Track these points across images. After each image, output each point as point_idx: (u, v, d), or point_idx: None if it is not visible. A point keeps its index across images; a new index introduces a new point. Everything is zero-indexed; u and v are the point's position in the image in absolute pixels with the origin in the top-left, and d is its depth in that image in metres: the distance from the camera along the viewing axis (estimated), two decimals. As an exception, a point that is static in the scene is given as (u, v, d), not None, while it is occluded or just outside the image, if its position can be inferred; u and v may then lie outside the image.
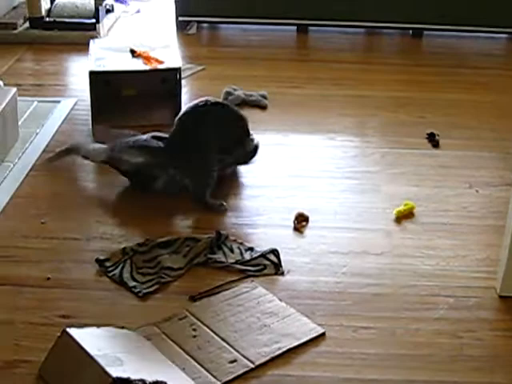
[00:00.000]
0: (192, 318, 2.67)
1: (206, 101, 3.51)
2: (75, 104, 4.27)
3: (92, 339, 2.39)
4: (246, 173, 3.65)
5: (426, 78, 4.77)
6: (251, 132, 3.62)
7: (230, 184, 3.58)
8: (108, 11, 5.48)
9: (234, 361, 2.49)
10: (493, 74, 4.88)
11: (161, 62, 4.10)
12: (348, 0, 5.31)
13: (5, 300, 2.75)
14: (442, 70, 4.90)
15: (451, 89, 4.61)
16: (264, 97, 4.41)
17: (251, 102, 4.34)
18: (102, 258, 2.96)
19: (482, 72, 4.89)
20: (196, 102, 3.54)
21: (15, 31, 5.21)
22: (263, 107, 4.33)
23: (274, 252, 3.01)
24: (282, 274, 2.93)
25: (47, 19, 5.29)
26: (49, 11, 5.38)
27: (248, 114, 4.11)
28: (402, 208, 3.33)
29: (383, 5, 5.32)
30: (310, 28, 5.43)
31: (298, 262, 3.00)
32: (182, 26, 5.37)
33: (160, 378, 2.29)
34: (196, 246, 3.02)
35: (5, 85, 4.06)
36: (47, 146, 3.83)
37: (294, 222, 3.24)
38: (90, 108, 4.02)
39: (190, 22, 5.39)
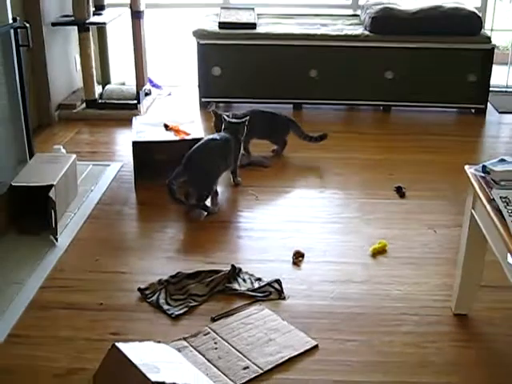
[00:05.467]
0: (213, 333, 2.67)
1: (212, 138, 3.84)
2: (121, 167, 4.29)
3: (135, 351, 2.38)
4: (254, 219, 3.66)
5: (395, 143, 4.77)
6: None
7: (241, 227, 3.60)
8: (146, 94, 5.52)
9: (247, 367, 2.48)
10: (446, 139, 4.88)
11: (188, 134, 4.12)
12: (332, 84, 5.36)
13: (68, 321, 2.75)
14: (406, 137, 4.91)
15: (414, 152, 4.61)
16: (266, 158, 4.42)
17: (257, 162, 4.34)
18: (142, 287, 2.97)
19: (438, 138, 4.89)
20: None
21: (74, 110, 5.25)
22: (266, 166, 4.33)
23: (277, 281, 3.01)
24: (284, 298, 2.93)
25: (99, 101, 5.33)
26: (101, 95, 5.43)
27: (252, 172, 4.18)
28: (376, 246, 3.33)
29: (360, 87, 5.37)
30: (304, 105, 5.46)
31: (296, 289, 3.00)
32: (203, 105, 5.41)
33: (188, 382, 2.29)
34: (216, 277, 3.02)
35: (67, 152, 4.09)
36: (100, 199, 3.85)
37: (293, 258, 3.24)
38: (132, 170, 4.06)
39: (210, 102, 5.42)
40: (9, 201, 3.41)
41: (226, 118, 3.98)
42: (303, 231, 3.53)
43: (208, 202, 3.75)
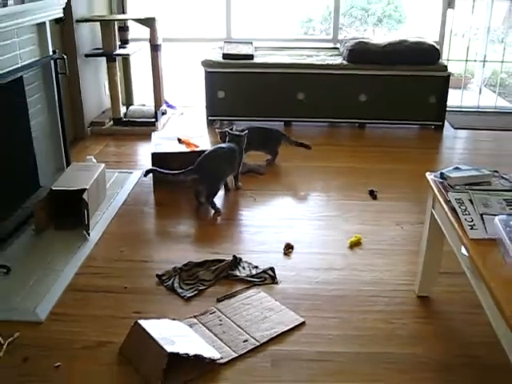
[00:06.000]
0: (219, 312, 2.67)
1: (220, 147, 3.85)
2: (142, 174, 4.27)
3: (154, 327, 2.39)
4: (253, 217, 3.66)
5: (368, 154, 4.77)
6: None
7: (241, 224, 3.60)
8: (163, 114, 5.51)
9: (246, 340, 2.49)
10: (411, 151, 4.88)
11: (197, 146, 4.13)
12: (317, 105, 5.35)
13: (98, 302, 2.75)
14: (378, 149, 4.91)
15: (385, 161, 4.61)
16: (261, 166, 4.40)
17: (254, 169, 4.33)
18: (160, 273, 2.97)
19: (404, 150, 4.89)
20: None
21: (103, 127, 5.25)
22: (262, 173, 4.32)
23: (271, 269, 3.01)
24: (277, 283, 2.93)
25: (124, 119, 5.33)
26: (125, 114, 5.43)
27: (250, 178, 4.17)
28: (353, 239, 3.34)
29: (339, 108, 5.37)
30: (293, 123, 5.46)
31: (287, 275, 3.00)
32: (210, 123, 5.40)
33: (198, 352, 2.30)
34: (221, 265, 3.02)
35: (97, 162, 4.08)
36: (124, 201, 3.85)
37: (284, 249, 3.24)
38: (151, 177, 4.05)
39: (215, 119, 5.43)
40: (49, 202, 3.41)
41: (229, 131, 3.98)
42: (293, 227, 3.52)
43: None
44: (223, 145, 3.90)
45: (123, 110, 5.46)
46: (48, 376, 2.29)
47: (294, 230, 3.48)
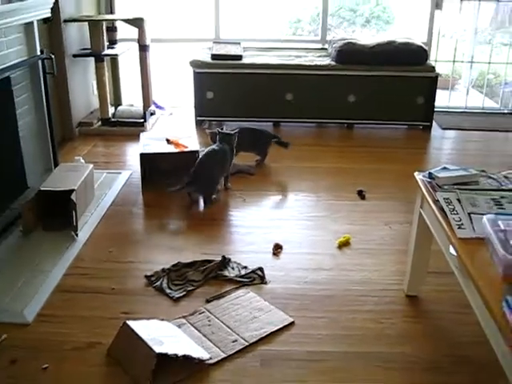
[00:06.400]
0: (207, 312, 2.66)
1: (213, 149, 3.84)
2: (131, 174, 4.26)
3: (143, 328, 2.38)
4: (242, 217, 3.65)
5: (357, 155, 4.78)
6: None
7: (232, 225, 3.59)
8: (151, 114, 5.49)
9: (235, 341, 2.48)
10: (399, 151, 4.90)
11: (186, 147, 4.11)
12: (305, 105, 5.36)
13: (86, 302, 2.74)
14: (366, 150, 4.92)
15: (373, 161, 4.62)
16: (251, 167, 4.40)
17: (244, 170, 4.32)
18: (148, 274, 2.96)
19: (393, 150, 4.91)
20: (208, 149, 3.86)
21: (91, 127, 5.22)
22: (251, 174, 4.32)
23: (260, 269, 3.01)
24: (266, 283, 2.93)
25: (112, 119, 5.30)
26: (113, 114, 5.40)
27: (240, 178, 4.17)
28: (342, 239, 3.34)
29: (327, 108, 5.37)
30: (282, 123, 5.46)
31: (276, 276, 3.00)
32: (199, 123, 5.40)
33: (187, 353, 2.29)
34: (210, 266, 3.02)
35: (86, 162, 4.07)
36: (113, 201, 3.83)
37: (273, 249, 3.24)
38: (140, 177, 4.05)
39: (204, 120, 5.42)
40: (37, 203, 3.39)
41: (220, 130, 3.97)
42: (282, 227, 3.52)
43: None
44: (215, 146, 3.90)
45: (111, 110, 5.43)
46: (36, 378, 2.27)
47: (283, 231, 3.48)
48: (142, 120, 5.27)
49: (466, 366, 2.36)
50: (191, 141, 4.25)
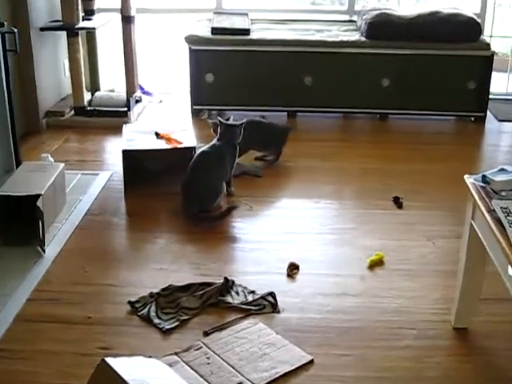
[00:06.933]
0: (206, 348, 2.66)
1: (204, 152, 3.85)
2: (111, 176, 4.27)
3: (125, 366, 2.37)
4: (248, 230, 3.66)
5: (391, 152, 4.78)
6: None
7: (234, 238, 3.60)
8: (137, 101, 5.51)
9: (240, 383, 2.48)
10: (445, 148, 4.89)
11: (180, 143, 4.12)
12: (327, 91, 5.36)
13: (55, 334, 2.74)
14: (404, 146, 4.91)
15: (411, 161, 4.62)
16: (259, 168, 4.42)
17: (250, 171, 4.33)
18: (132, 300, 2.96)
19: (437, 147, 4.90)
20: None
21: (63, 118, 5.23)
22: (259, 176, 4.32)
23: (272, 294, 3.01)
24: (278, 312, 2.93)
25: (88, 108, 5.32)
26: (90, 101, 5.42)
27: (246, 181, 4.17)
28: (373, 257, 3.34)
29: (356, 95, 5.37)
30: (298, 113, 5.46)
31: (291, 303, 2.99)
32: (196, 113, 5.41)
33: (180, 398, 2.29)
34: (209, 290, 3.02)
35: (55, 161, 4.08)
36: (89, 209, 3.84)
37: (287, 270, 3.23)
38: (122, 179, 4.05)
39: (202, 109, 5.43)
40: (-5, 211, 3.40)
41: (221, 120, 3.96)
42: (298, 242, 3.52)
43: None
44: (208, 147, 3.88)
45: (87, 96, 5.45)
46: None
47: (300, 247, 3.48)
48: (126, 109, 5.29)
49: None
50: (186, 135, 4.26)
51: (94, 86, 5.74)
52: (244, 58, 5.32)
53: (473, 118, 5.46)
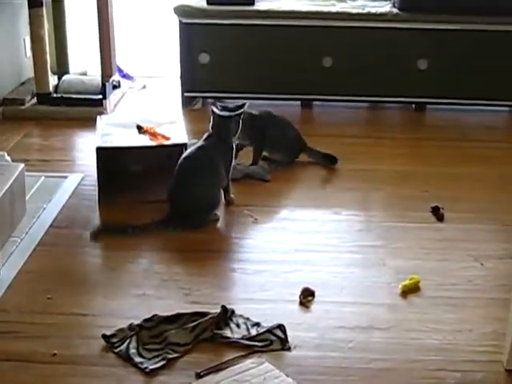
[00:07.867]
0: (198, 394, 2.67)
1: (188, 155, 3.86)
2: (82, 179, 4.29)
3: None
4: (252, 248, 3.66)
5: (430, 151, 4.79)
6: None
7: (234, 258, 3.60)
8: (115, 87, 5.53)
9: None
10: (495, 146, 4.91)
11: (167, 138, 4.11)
12: (351, 75, 5.38)
13: (11, 376, 2.73)
14: (444, 144, 4.93)
15: (454, 162, 4.63)
16: (266, 170, 4.42)
17: (254, 174, 4.35)
18: (108, 333, 2.95)
19: (485, 145, 4.92)
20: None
21: (23, 107, 5.26)
22: (265, 181, 4.34)
23: (281, 327, 3.00)
24: (289, 349, 2.92)
25: (54, 95, 5.34)
26: (56, 87, 5.44)
27: (249, 187, 4.19)
28: (407, 282, 3.33)
29: (386, 80, 5.39)
30: (315, 103, 5.47)
31: (305, 338, 2.99)
32: (187, 102, 5.42)
33: None
34: (203, 322, 3.01)
35: (12, 160, 4.08)
36: (54, 220, 3.85)
37: (300, 297, 3.23)
38: (96, 183, 4.06)
39: (196, 97, 5.44)
40: None
41: (214, 109, 3.93)
42: (313, 263, 3.53)
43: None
44: (194, 149, 3.84)
45: (53, 81, 5.47)
46: None
47: (316, 268, 3.48)
48: (100, 96, 5.31)
49: None
50: (175, 128, 4.26)
51: (62, 69, 5.76)
52: (247, 33, 5.34)
53: (531, 110, 5.49)
